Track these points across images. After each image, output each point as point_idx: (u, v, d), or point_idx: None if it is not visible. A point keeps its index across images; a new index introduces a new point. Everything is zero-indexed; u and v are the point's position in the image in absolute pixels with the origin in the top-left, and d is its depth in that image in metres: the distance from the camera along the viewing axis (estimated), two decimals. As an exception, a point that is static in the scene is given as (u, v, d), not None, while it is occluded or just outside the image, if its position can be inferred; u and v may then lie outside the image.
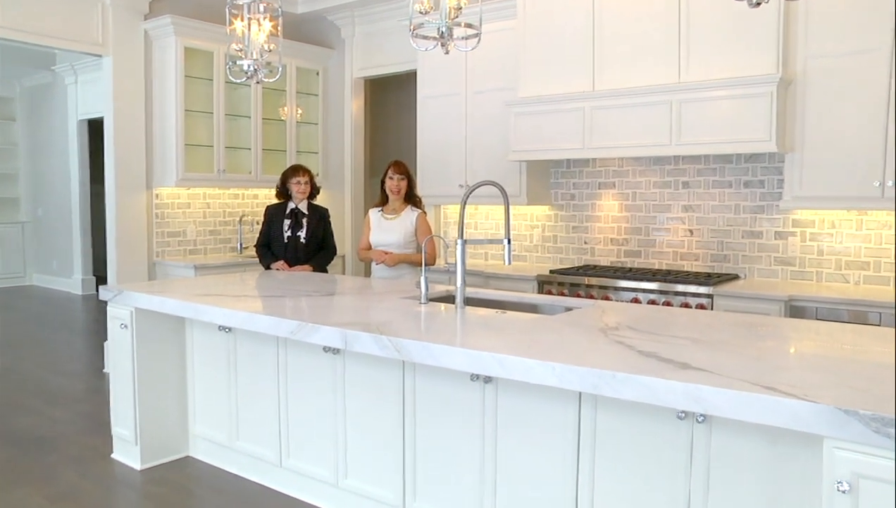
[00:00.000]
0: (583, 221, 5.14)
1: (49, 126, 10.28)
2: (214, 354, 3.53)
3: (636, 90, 4.25)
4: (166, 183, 5.62)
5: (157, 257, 5.66)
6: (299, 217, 4.75)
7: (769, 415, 1.68)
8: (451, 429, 2.62)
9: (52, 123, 10.22)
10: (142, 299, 3.42)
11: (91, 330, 7.53)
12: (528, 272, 4.81)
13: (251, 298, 3.51)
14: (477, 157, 5.26)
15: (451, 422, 2.62)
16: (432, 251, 4.21)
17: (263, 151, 6.10)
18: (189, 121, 5.64)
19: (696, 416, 2.08)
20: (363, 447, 2.92)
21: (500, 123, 5.05)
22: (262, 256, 4.78)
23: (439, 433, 2.66)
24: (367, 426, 2.89)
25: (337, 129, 6.77)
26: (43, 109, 10.36)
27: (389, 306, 3.13)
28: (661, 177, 4.77)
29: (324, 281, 4.02)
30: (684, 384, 1.80)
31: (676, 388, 1.81)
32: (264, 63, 3.68)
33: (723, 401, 1.74)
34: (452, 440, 2.62)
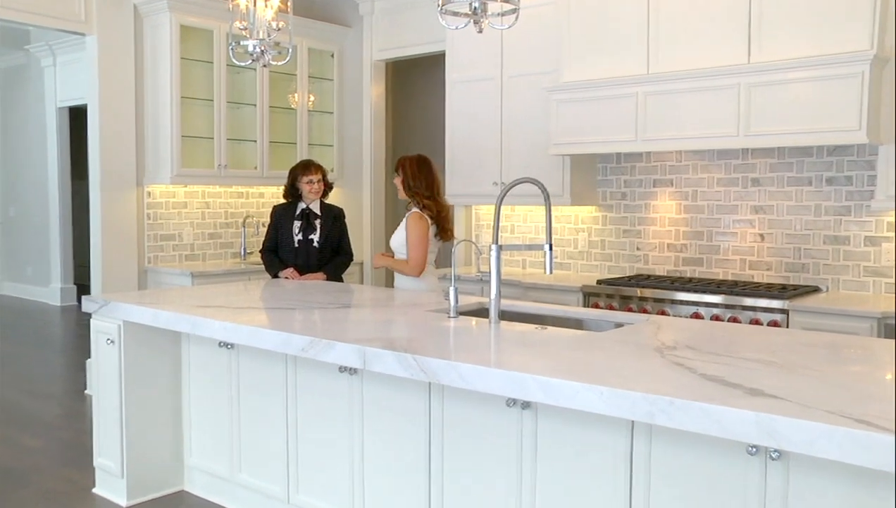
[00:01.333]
0: (635, 224, 5.14)
1: (23, 114, 10.45)
2: (214, 374, 3.60)
3: (698, 73, 4.26)
4: (159, 180, 5.73)
5: (148, 263, 5.76)
6: (311, 219, 4.82)
7: (861, 453, 1.65)
8: (483, 461, 2.65)
9: (26, 112, 10.38)
10: (131, 310, 3.50)
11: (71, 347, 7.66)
12: (572, 283, 4.83)
13: (256, 310, 3.56)
14: (513, 151, 5.29)
15: (483, 453, 2.65)
16: (414, 258, 4.12)
17: (271, 143, 6.20)
18: (186, 110, 5.74)
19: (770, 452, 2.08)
20: (383, 481, 2.96)
21: (539, 112, 5.08)
22: (269, 262, 4.85)
23: (470, 466, 2.69)
24: (388, 456, 2.93)
25: (354, 118, 6.85)
26: (15, 94, 10.52)
27: (414, 320, 3.15)
28: (727, 173, 4.77)
29: (339, 291, 4.07)
30: (755, 413, 1.80)
31: (746, 418, 1.81)
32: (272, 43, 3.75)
33: (802, 435, 1.73)
34: (485, 473, 2.65)
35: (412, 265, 4.13)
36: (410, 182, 4.17)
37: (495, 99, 5.37)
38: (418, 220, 4.13)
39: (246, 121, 6.16)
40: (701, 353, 2.45)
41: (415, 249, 4.12)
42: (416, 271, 4.14)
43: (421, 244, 4.12)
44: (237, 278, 5.58)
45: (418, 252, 4.12)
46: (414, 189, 4.17)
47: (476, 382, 2.28)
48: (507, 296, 4.58)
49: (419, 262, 4.13)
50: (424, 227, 4.13)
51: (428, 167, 4.21)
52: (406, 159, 4.23)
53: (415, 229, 4.13)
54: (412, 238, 4.12)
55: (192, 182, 5.89)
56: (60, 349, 7.62)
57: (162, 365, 3.71)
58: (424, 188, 4.16)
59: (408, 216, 4.17)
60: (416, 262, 4.13)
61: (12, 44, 9.97)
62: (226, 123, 5.91)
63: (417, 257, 4.13)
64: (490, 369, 2.26)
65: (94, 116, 5.60)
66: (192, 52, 5.81)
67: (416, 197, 4.17)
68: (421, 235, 4.12)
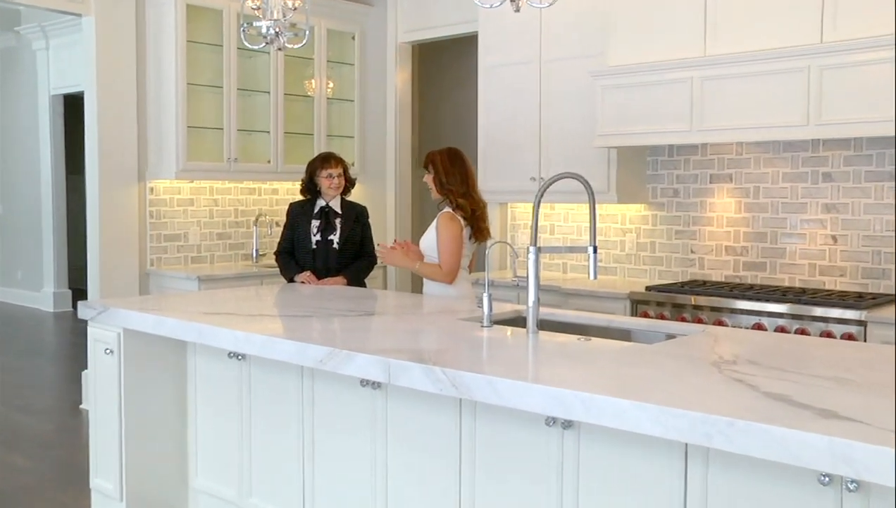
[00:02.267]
0: (689, 223, 5.12)
1: (13, 103, 10.59)
2: (223, 387, 3.63)
3: (762, 54, 4.24)
4: (163, 175, 5.80)
5: (151, 265, 5.84)
6: (331, 217, 4.86)
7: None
8: (519, 485, 2.66)
9: (16, 99, 10.53)
10: (132, 317, 3.54)
11: (65, 357, 7.77)
12: (619, 289, 4.82)
13: (269, 318, 3.59)
14: (554, 142, 5.29)
15: (519, 476, 2.65)
16: (448, 263, 4.11)
17: (286, 134, 6.25)
18: (192, 98, 5.81)
19: (846, 482, 2.06)
20: (409, 506, 2.97)
21: (583, 100, 5.08)
22: (284, 265, 4.90)
23: (505, 490, 2.69)
24: (414, 479, 2.94)
25: (378, 107, 6.88)
26: (4, 81, 10.65)
27: (444, 329, 3.17)
28: (794, 167, 4.73)
29: (361, 297, 4.09)
30: (828, 437, 1.78)
31: (817, 443, 1.80)
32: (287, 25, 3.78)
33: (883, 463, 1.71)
34: (521, 499, 2.65)
35: (445, 271, 4.13)
36: (443, 179, 4.16)
37: (533, 85, 5.38)
38: (450, 221, 4.12)
39: (258, 110, 6.22)
40: (764, 368, 2.44)
41: (447, 253, 4.12)
42: (450, 278, 4.14)
43: (454, 248, 4.11)
44: (248, 282, 5.64)
45: (452, 257, 4.11)
46: (448, 186, 4.16)
47: (512, 398, 2.29)
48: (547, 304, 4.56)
49: (453, 268, 4.13)
50: (457, 229, 4.12)
51: (461, 160, 4.20)
52: (436, 154, 4.22)
53: (446, 231, 4.12)
54: (444, 241, 4.12)
55: (198, 177, 5.95)
56: (54, 360, 7.74)
57: (165, 378, 3.75)
58: (459, 184, 4.16)
59: (438, 216, 4.17)
60: (449, 268, 4.12)
61: (1, 25, 10.10)
62: (236, 112, 5.97)
63: (451, 262, 4.12)
64: (528, 384, 2.26)
65: (91, 104, 5.68)
66: (200, 34, 5.87)
67: (450, 195, 4.16)
68: (453, 237, 4.11)
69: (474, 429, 2.76)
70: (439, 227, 4.14)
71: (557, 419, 2.49)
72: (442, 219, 4.15)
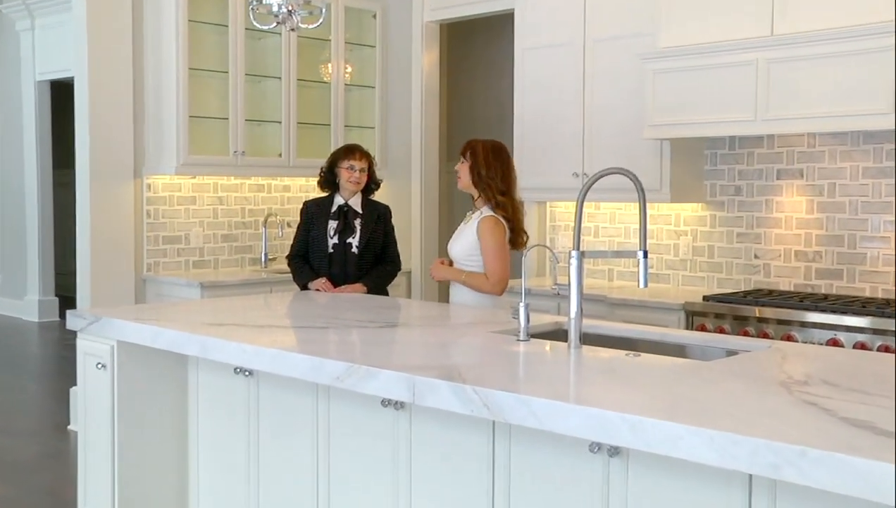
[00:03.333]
0: (752, 225, 5.09)
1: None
2: (228, 407, 3.65)
3: (839, 33, 4.21)
4: (162, 170, 5.85)
5: (148, 271, 5.89)
6: (350, 217, 4.88)
7: None
8: (561, 523, 2.65)
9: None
10: (127, 328, 3.57)
11: (51, 372, 7.85)
12: (672, 299, 4.81)
13: (281, 329, 3.62)
14: (599, 134, 5.29)
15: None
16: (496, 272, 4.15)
17: (299, 125, 6.29)
18: (195, 84, 5.86)
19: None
20: (434, 545, 2.97)
21: (632, 86, 5.08)
22: (297, 271, 4.92)
23: (544, 529, 2.69)
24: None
25: (401, 94, 6.90)
26: (-13, 65, 10.76)
27: (475, 343, 3.18)
28: (877, 161, 4.69)
29: (383, 307, 4.11)
30: (918, 469, 1.77)
31: (904, 475, 1.79)
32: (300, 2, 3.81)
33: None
34: (563, 540, 2.65)
35: (494, 282, 4.19)
36: (482, 170, 4.20)
37: (576, 69, 5.37)
38: (495, 226, 4.18)
39: (268, 98, 6.26)
40: (841, 390, 2.42)
41: (495, 260, 4.17)
42: (499, 289, 4.22)
43: (502, 255, 4.19)
44: (257, 289, 5.67)
45: (500, 266, 4.18)
46: (487, 179, 4.21)
47: (552, 421, 2.29)
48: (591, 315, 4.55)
49: (502, 278, 4.20)
50: (502, 233, 4.21)
51: (505, 156, 4.29)
52: (478, 143, 4.29)
53: (492, 237, 4.17)
54: (490, 248, 4.18)
55: (202, 172, 6.00)
56: (38, 376, 7.81)
57: (164, 396, 3.77)
58: (500, 180, 4.19)
59: (480, 221, 4.21)
60: (498, 277, 4.18)
61: (-18, 4, 10.20)
62: (243, 100, 6.01)
63: (500, 271, 4.18)
64: (569, 405, 2.27)
65: (81, 91, 5.74)
66: (203, 13, 5.93)
67: (487, 190, 4.21)
68: (501, 243, 4.19)
69: (509, 455, 2.76)
70: (483, 233, 4.19)
71: (602, 445, 2.49)
72: (486, 224, 4.18)
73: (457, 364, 2.89)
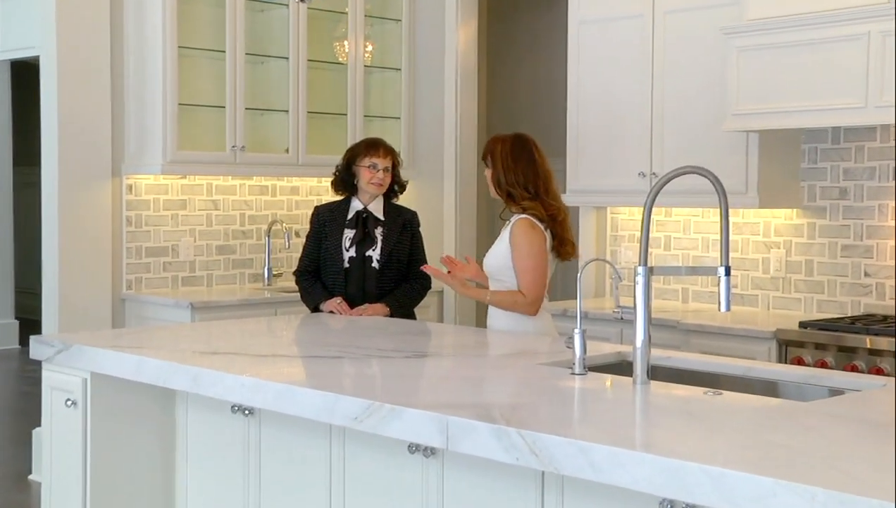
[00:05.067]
0: (862, 236, 5.05)
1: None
2: (224, 451, 3.64)
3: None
4: (146, 168, 5.86)
5: (128, 289, 5.91)
6: (370, 226, 4.86)
7: None
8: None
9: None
10: (103, 358, 3.57)
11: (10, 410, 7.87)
12: (761, 325, 4.77)
13: (287, 359, 3.62)
14: (670, 125, 5.26)
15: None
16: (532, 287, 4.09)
17: (309, 115, 6.28)
18: (185, 66, 5.87)
19: None
20: None
21: (711, 66, 5.05)
22: (307, 289, 4.90)
23: None
24: (479, 584, 2.94)
25: (432, 77, 6.89)
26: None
27: (520, 377, 3.16)
28: None
29: (410, 333, 4.11)
30: None
31: None
32: (313, -34, 3.81)
33: None
34: None
35: (529, 300, 4.11)
36: (502, 176, 4.16)
37: (644, 47, 5.35)
38: (530, 229, 4.11)
39: (273, 83, 6.28)
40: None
41: (530, 272, 4.09)
42: (534, 307, 4.12)
43: (539, 265, 4.09)
44: (259, 312, 5.67)
45: (536, 278, 4.09)
46: (508, 185, 4.16)
47: (614, 473, 2.27)
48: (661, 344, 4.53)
49: (539, 293, 4.11)
50: (540, 239, 4.11)
51: (528, 151, 4.19)
52: (496, 142, 4.23)
53: (527, 242, 4.10)
54: (524, 257, 4.10)
55: (193, 171, 6.02)
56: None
57: (148, 439, 3.77)
58: (525, 183, 4.16)
59: (513, 224, 4.16)
60: (533, 292, 4.10)
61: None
62: (243, 85, 6.02)
63: (536, 285, 4.09)
64: (635, 452, 2.25)
65: (49, 74, 5.74)
66: (196, -19, 5.97)
67: (510, 201, 4.18)
68: (537, 250, 4.10)
69: (562, 513, 2.75)
70: (516, 237, 4.12)
71: (676, 503, 2.47)
72: (519, 227, 4.13)
73: (499, 403, 2.88)
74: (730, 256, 3.03)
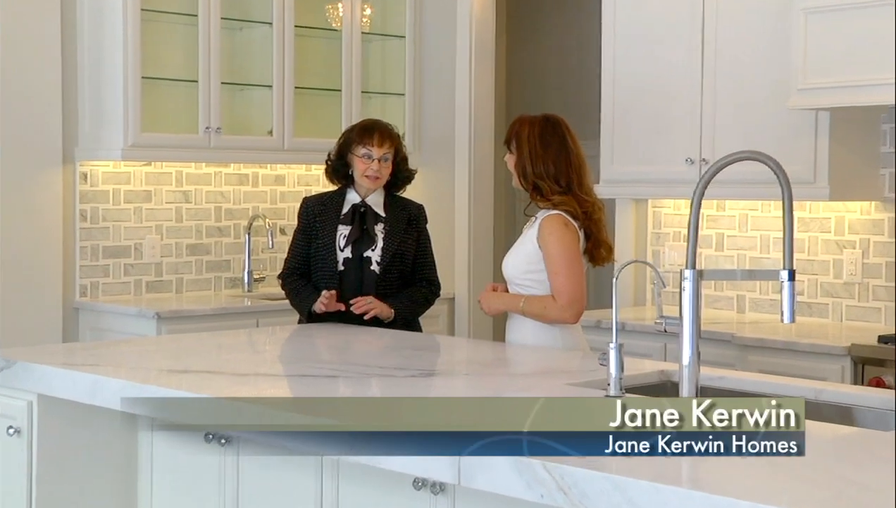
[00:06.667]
0: (952, 235, 5.04)
1: None
2: (195, 487, 3.65)
3: None
4: (104, 153, 5.88)
5: (81, 296, 5.93)
6: (369, 222, 4.85)
7: None
8: None
9: None
10: (52, 377, 3.57)
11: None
12: (833, 340, 4.78)
13: (270, 378, 3.62)
14: (723, 103, 5.26)
15: None
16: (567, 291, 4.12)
17: (297, 91, 6.30)
18: (150, 32, 5.88)
19: None
20: None
21: (773, 34, 5.06)
22: (297, 292, 4.80)
23: None
24: None
25: (442, 48, 6.91)
26: None
27: (544, 401, 3.16)
28: None
29: (416, 348, 4.11)
30: None
31: None
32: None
33: None
34: None
35: (565, 304, 4.13)
36: (528, 164, 4.17)
37: (692, 12, 5.36)
38: (563, 228, 4.13)
39: (254, 53, 6.30)
40: None
41: (566, 275, 4.12)
42: (569, 312, 4.14)
43: (575, 268, 4.13)
44: (237, 322, 5.68)
45: (572, 280, 4.12)
46: (535, 176, 4.19)
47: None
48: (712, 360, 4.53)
49: (575, 296, 4.13)
50: (574, 239, 4.15)
51: (560, 136, 4.21)
52: (523, 123, 4.25)
53: (560, 241, 4.13)
54: (558, 257, 4.13)
55: (159, 157, 6.04)
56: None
57: (104, 472, 3.77)
58: (554, 175, 4.18)
59: (542, 221, 4.18)
60: (568, 297, 4.12)
61: None
62: (219, 55, 6.03)
63: (574, 290, 4.12)
64: (682, 490, 2.25)
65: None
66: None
67: (536, 193, 4.20)
68: (573, 251, 4.14)
69: (595, 562, 2.75)
70: (546, 237, 4.14)
71: (729, 549, 2.47)
72: (550, 225, 4.15)
73: (520, 430, 2.88)
74: (794, 257, 3.03)
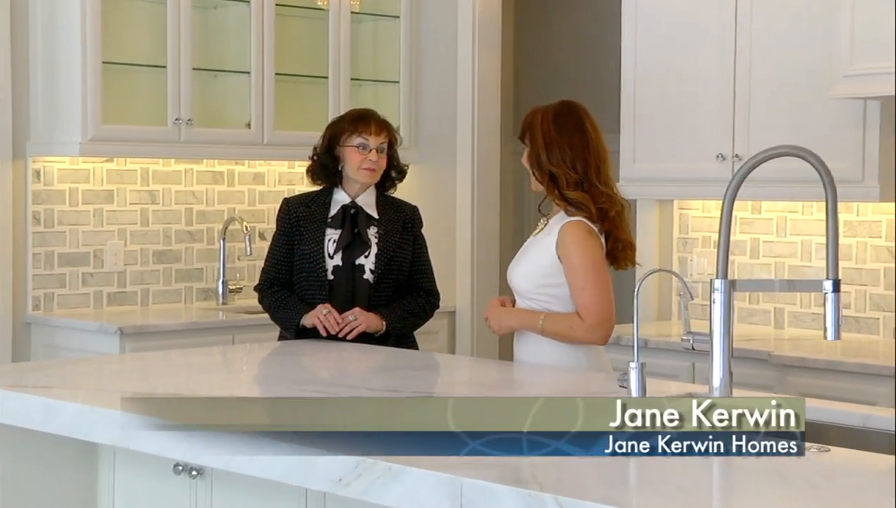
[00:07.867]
0: None
1: None
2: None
3: None
4: (59, 148, 5.90)
5: (34, 309, 5.94)
6: (361, 225, 4.85)
7: None
8: None
9: None
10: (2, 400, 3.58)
11: None
12: (884, 359, 4.79)
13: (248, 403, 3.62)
14: (759, 92, 5.28)
15: None
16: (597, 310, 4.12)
17: (278, 78, 6.32)
18: (111, 11, 5.89)
19: None
20: None
21: (812, 15, 5.07)
22: (278, 304, 4.80)
23: None
24: None
25: (442, 29, 6.92)
26: None
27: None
28: None
29: (412, 367, 4.13)
30: None
31: None
32: None
33: None
34: None
35: (593, 323, 4.12)
36: (543, 155, 4.17)
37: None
38: (586, 236, 4.14)
39: (229, 34, 6.31)
40: None
41: (593, 290, 4.11)
42: (602, 336, 4.15)
43: (603, 281, 4.13)
44: (211, 338, 5.70)
45: (601, 297, 4.12)
46: (550, 164, 4.19)
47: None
48: (747, 382, 4.55)
49: (605, 317, 4.13)
50: (598, 248, 4.15)
51: (577, 118, 4.22)
52: (538, 112, 4.26)
53: (585, 252, 4.14)
54: (584, 269, 4.13)
55: (122, 152, 6.04)
56: None
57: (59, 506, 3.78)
58: (571, 160, 4.18)
59: (563, 228, 4.18)
60: (598, 316, 4.11)
61: None
62: (189, 37, 6.05)
63: (601, 307, 4.11)
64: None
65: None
66: None
67: (553, 183, 4.20)
68: (599, 263, 4.15)
69: None
70: (568, 246, 4.14)
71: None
72: (571, 233, 4.14)
73: (531, 460, 2.87)
74: (840, 266, 3.03)
